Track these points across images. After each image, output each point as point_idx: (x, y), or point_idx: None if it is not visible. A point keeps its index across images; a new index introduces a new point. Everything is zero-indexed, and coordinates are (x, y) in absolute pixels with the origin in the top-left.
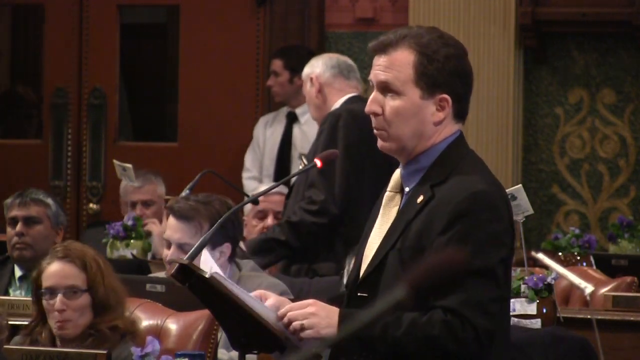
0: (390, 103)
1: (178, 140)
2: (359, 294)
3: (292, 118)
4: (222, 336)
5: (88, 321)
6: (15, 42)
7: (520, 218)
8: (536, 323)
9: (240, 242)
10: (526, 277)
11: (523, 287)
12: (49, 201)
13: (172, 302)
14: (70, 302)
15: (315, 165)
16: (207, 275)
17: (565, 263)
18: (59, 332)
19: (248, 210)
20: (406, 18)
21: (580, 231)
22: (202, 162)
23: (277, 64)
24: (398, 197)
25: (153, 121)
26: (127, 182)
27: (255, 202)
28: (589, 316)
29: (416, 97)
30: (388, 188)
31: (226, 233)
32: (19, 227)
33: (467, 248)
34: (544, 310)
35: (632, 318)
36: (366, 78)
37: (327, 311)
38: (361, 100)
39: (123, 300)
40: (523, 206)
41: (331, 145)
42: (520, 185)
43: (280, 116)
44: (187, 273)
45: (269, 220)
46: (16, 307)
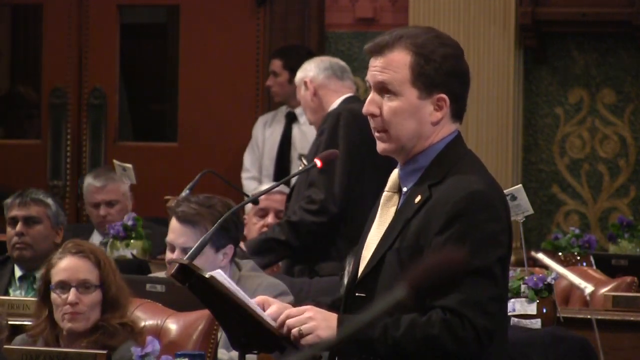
0: (387, 104)
1: (178, 140)
2: (357, 294)
3: (292, 118)
4: (222, 336)
5: (97, 318)
6: (15, 42)
7: (520, 218)
8: (536, 323)
9: (240, 242)
10: (526, 277)
11: (523, 287)
12: (49, 201)
13: (172, 302)
14: (82, 297)
15: (315, 165)
16: (207, 275)
17: (565, 263)
18: (69, 325)
19: (248, 209)
20: (406, 18)
21: (580, 231)
22: (202, 162)
23: (277, 64)
24: (396, 197)
25: (153, 121)
26: (128, 182)
27: (255, 202)
28: (589, 316)
29: (413, 98)
30: (386, 188)
31: (229, 235)
32: (19, 227)
33: (465, 248)
34: (544, 310)
35: (632, 318)
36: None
37: (325, 315)
38: (358, 100)
39: (130, 299)
40: (523, 206)
41: (332, 144)
42: (520, 185)
43: (279, 116)
44: (187, 273)
45: (270, 218)
46: (16, 307)
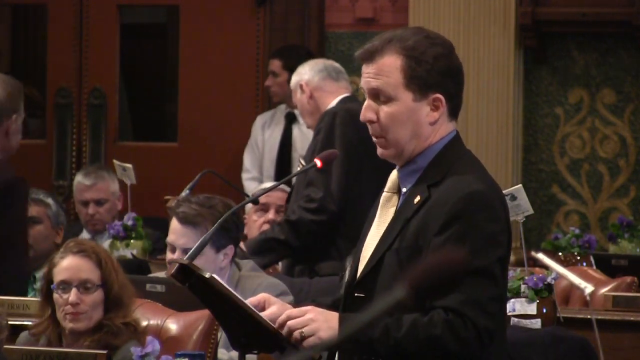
0: (384, 109)
1: (178, 140)
2: (356, 295)
3: (291, 119)
4: (222, 336)
5: (99, 317)
6: (15, 42)
7: (520, 218)
8: (536, 323)
9: (240, 242)
10: (526, 277)
11: (523, 287)
12: (49, 201)
13: (172, 302)
14: (84, 297)
15: (315, 165)
16: (207, 275)
17: (565, 263)
18: (71, 325)
19: (249, 209)
20: (406, 18)
21: (580, 231)
22: (202, 162)
23: (276, 65)
24: (395, 198)
25: (153, 121)
26: (127, 182)
27: (255, 202)
28: (589, 316)
29: (409, 100)
30: (385, 189)
31: (230, 235)
32: None
33: (465, 248)
34: (544, 310)
35: (632, 318)
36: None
37: (326, 316)
38: (355, 100)
39: (133, 298)
40: (523, 206)
41: (329, 143)
42: (520, 185)
43: (278, 116)
44: (187, 273)
45: (271, 214)
46: (16, 307)
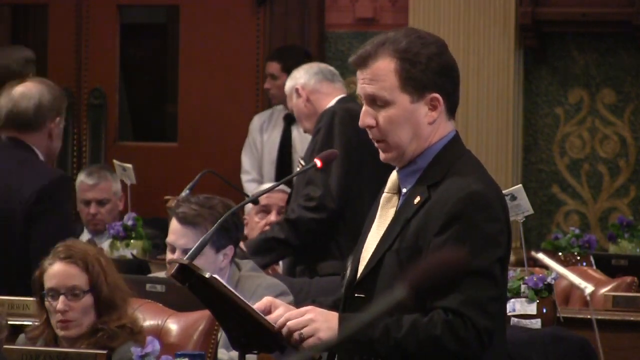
0: (382, 114)
1: (178, 140)
2: (356, 295)
3: (290, 120)
4: (222, 336)
5: (92, 321)
6: (15, 42)
7: (520, 218)
8: (536, 323)
9: (240, 242)
10: (526, 277)
11: (523, 287)
12: None
13: (172, 302)
14: (72, 304)
15: (315, 165)
16: (207, 275)
17: (565, 263)
18: (62, 333)
19: (248, 209)
20: (406, 18)
21: (580, 231)
22: (202, 162)
23: (275, 67)
24: (395, 199)
25: (153, 121)
26: (127, 182)
27: (255, 202)
28: (589, 316)
29: (406, 103)
30: (385, 189)
31: (229, 235)
32: None
33: (465, 249)
34: (544, 310)
35: (632, 318)
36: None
37: (326, 316)
38: (352, 100)
39: (128, 298)
40: (523, 206)
41: (328, 142)
42: (520, 185)
43: (276, 117)
44: (187, 273)
45: (272, 216)
46: (16, 307)
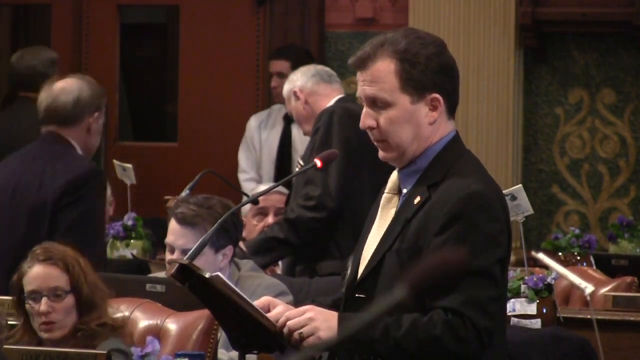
0: (383, 115)
1: (178, 140)
2: (357, 295)
3: (290, 119)
4: (222, 336)
5: (74, 321)
6: (15, 42)
7: (520, 218)
8: (536, 323)
9: (239, 242)
10: (526, 277)
11: (523, 287)
12: None
13: (172, 302)
14: (55, 305)
15: (315, 165)
16: (207, 275)
17: (565, 263)
18: (46, 336)
19: (247, 210)
20: (406, 18)
21: (580, 231)
22: (202, 162)
23: (284, 65)
24: (396, 199)
25: (153, 121)
26: (127, 182)
27: (255, 202)
28: (589, 316)
29: (407, 104)
30: (385, 190)
31: (229, 235)
32: None
33: (465, 249)
34: (544, 310)
35: (632, 318)
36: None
37: (325, 315)
38: (351, 99)
39: (107, 297)
40: (523, 206)
41: (328, 141)
42: (520, 185)
43: (274, 116)
44: (187, 273)
45: (270, 218)
46: None
